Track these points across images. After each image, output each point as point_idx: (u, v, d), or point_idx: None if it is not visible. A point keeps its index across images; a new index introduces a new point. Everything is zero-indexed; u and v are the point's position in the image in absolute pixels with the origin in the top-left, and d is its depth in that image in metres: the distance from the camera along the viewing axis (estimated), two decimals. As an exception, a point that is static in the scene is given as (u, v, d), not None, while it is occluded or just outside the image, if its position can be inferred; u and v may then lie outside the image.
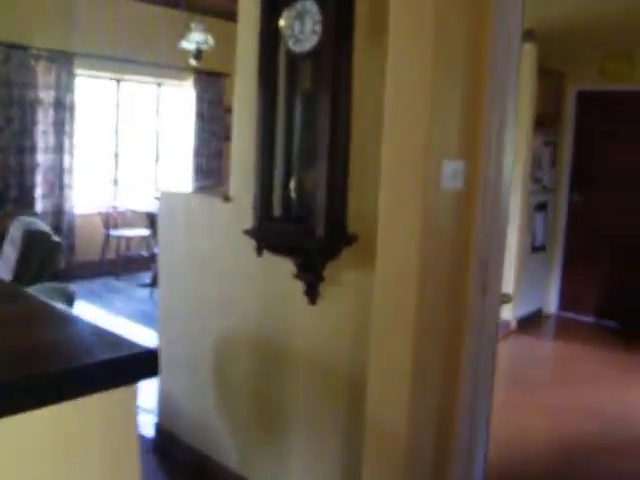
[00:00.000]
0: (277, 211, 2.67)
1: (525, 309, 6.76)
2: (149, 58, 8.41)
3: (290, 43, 2.57)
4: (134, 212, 8.28)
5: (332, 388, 2.68)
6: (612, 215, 6.87)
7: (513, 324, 6.46)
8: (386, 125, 2.18)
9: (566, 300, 7.22)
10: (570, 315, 7.15)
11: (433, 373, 2.29)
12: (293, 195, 2.63)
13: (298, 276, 2.61)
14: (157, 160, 9.28)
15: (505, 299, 2.81)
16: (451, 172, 2.17)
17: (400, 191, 2.18)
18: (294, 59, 2.63)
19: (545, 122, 6.67)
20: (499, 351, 2.86)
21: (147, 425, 3.81)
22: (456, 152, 2.22)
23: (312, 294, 2.62)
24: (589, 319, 7.04)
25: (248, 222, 2.66)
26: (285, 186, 2.65)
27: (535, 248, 6.80)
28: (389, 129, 2.18)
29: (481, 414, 2.56)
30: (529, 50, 6.16)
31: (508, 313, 6.38)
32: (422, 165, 2.09)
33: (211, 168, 9.59)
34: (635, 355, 6.00)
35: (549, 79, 6.68)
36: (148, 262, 7.78)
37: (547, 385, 5.13)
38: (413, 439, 2.23)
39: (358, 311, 2.52)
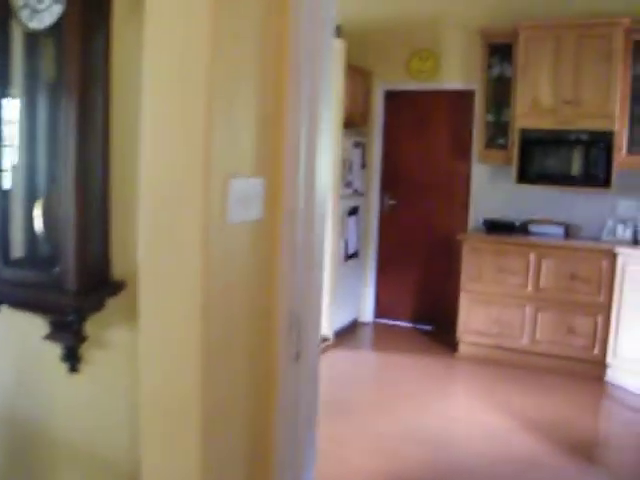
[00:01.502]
0: (18, 251, 1.95)
1: (341, 320, 6.41)
2: None
3: (24, 16, 1.86)
4: None
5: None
6: (423, 217, 6.73)
7: (330, 338, 6.07)
8: (145, 130, 1.54)
9: (382, 307, 6.99)
10: (387, 322, 6.93)
11: (234, 473, 1.69)
12: (39, 228, 1.92)
13: (52, 337, 1.91)
14: None
15: (325, 346, 2.23)
16: (243, 195, 1.58)
17: (166, 225, 1.54)
18: (33, 39, 1.91)
19: (354, 123, 6.35)
20: None
21: None
22: (251, 167, 1.64)
23: (72, 359, 1.92)
24: (405, 324, 6.86)
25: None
26: (28, 215, 1.93)
27: (349, 255, 6.46)
28: (149, 137, 1.55)
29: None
30: (337, 46, 5.78)
31: (324, 327, 5.97)
32: (199, 186, 1.46)
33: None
34: (450, 358, 5.88)
35: (357, 77, 6.37)
36: None
37: (371, 408, 4.74)
38: None
39: (136, 379, 1.85)
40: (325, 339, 5.87)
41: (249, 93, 1.63)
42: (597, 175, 5.67)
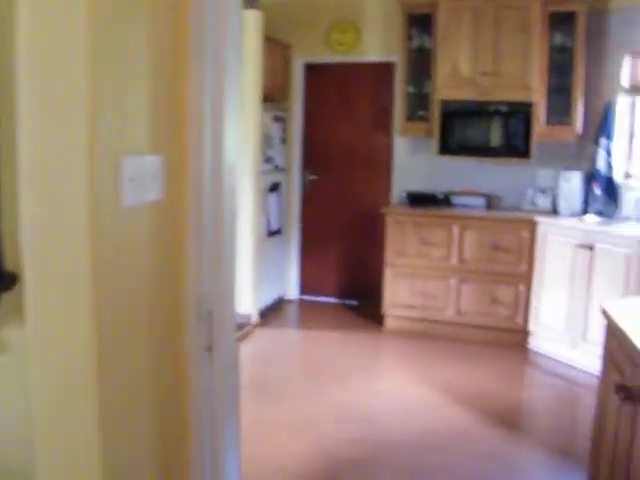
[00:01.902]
0: None
1: (266, 298, 6.29)
2: None
3: None
4: None
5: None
6: (345, 192, 6.66)
7: (255, 317, 5.95)
8: (22, 111, 1.35)
9: (307, 283, 6.91)
10: (312, 298, 6.86)
11: (142, 472, 1.56)
12: None
13: None
14: None
15: (246, 332, 2.10)
16: (139, 174, 1.43)
17: (50, 211, 1.37)
18: None
19: (274, 96, 6.20)
20: (242, 353, 2.21)
21: None
22: (147, 143, 1.49)
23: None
24: (331, 300, 6.81)
25: None
26: None
27: (271, 232, 6.34)
28: (28, 119, 1.36)
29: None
30: (253, 18, 5.60)
31: (248, 306, 5.85)
32: (84, 167, 1.30)
33: None
34: (377, 333, 5.87)
35: (276, 50, 6.20)
36: None
37: (299, 388, 4.66)
38: None
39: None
40: (244, 324, 5.76)
41: (142, 66, 1.46)
42: (517, 146, 5.70)
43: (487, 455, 3.74)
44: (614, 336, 2.34)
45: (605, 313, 2.43)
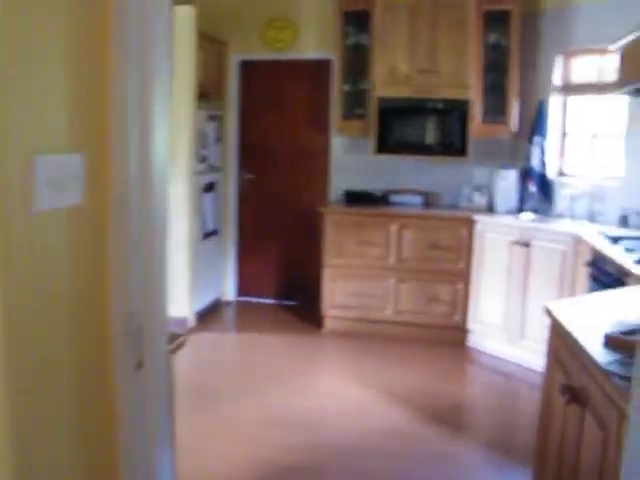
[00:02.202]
0: None
1: (203, 301, 6.14)
2: None
3: None
4: None
5: None
6: (283, 191, 6.57)
7: (191, 321, 5.80)
8: None
9: (244, 284, 6.78)
10: (250, 299, 6.74)
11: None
12: None
13: None
14: None
15: (180, 343, 1.97)
16: (55, 175, 1.29)
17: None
18: None
19: (209, 94, 6.04)
20: (178, 359, 2.09)
21: None
22: (65, 140, 1.35)
23: None
24: (269, 301, 6.70)
25: None
26: None
27: (207, 233, 6.19)
28: None
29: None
30: (187, 14, 5.45)
31: (184, 309, 5.70)
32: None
33: None
34: (316, 334, 5.79)
35: (211, 47, 6.05)
36: None
37: (238, 394, 4.51)
38: None
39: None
40: (178, 335, 5.61)
41: (58, 57, 1.32)
42: (454, 144, 5.71)
43: (432, 456, 3.70)
44: (559, 336, 2.31)
45: (549, 313, 2.40)
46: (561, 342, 2.26)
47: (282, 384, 4.65)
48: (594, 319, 2.30)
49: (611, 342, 1.99)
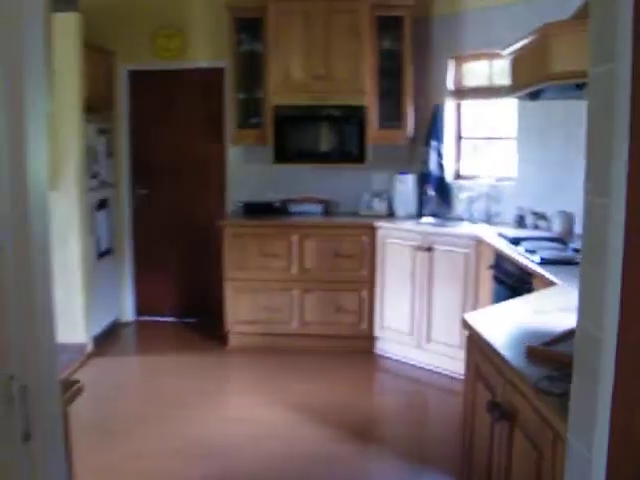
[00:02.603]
0: None
1: (101, 324, 5.82)
2: None
3: None
4: None
5: None
6: (179, 206, 6.35)
7: (89, 346, 5.47)
8: None
9: (143, 304, 6.49)
10: (150, 319, 6.45)
11: None
12: None
13: None
14: None
15: (75, 390, 1.76)
16: None
17: None
18: None
19: (97, 107, 5.74)
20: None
21: None
22: None
23: None
24: (170, 319, 6.44)
25: None
26: None
27: (101, 253, 5.88)
28: None
29: None
30: (71, 22, 5.15)
31: (81, 334, 5.38)
32: None
33: None
34: (221, 352, 5.59)
35: (98, 57, 5.75)
36: None
37: (140, 425, 4.20)
38: None
39: None
40: (71, 385, 5.29)
41: None
42: (351, 150, 5.68)
43: (352, 476, 3.61)
44: (479, 349, 2.25)
45: (467, 324, 2.35)
46: (482, 356, 2.21)
47: (189, 409, 4.43)
48: (513, 329, 2.27)
49: (532, 354, 1.95)
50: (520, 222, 5.15)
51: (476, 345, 2.29)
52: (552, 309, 2.48)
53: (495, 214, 5.45)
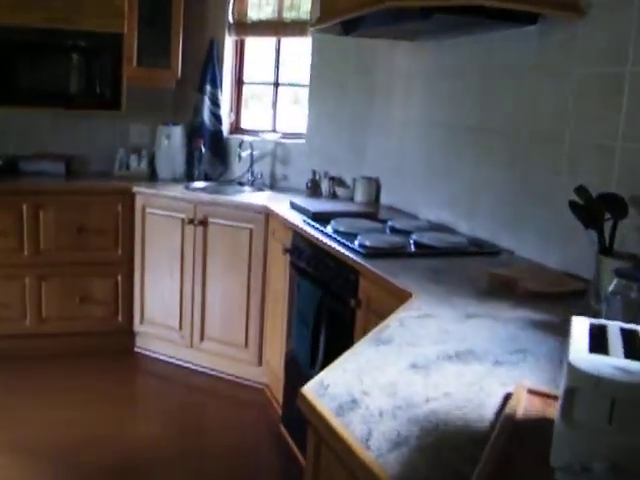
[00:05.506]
0: None
1: None
2: None
3: None
4: None
5: None
6: None
7: None
8: None
9: None
10: None
11: None
12: None
13: None
14: None
15: None
16: None
17: None
18: None
19: None
20: None
21: None
22: None
23: None
24: None
25: None
26: None
27: None
28: None
29: None
30: None
31: None
32: None
33: None
34: None
35: None
36: None
37: None
38: None
39: None
40: None
41: None
42: (103, 93, 4.41)
43: None
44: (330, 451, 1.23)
45: (304, 400, 1.32)
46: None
47: None
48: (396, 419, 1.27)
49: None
50: (314, 189, 4.29)
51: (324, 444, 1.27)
52: (434, 357, 1.53)
53: (282, 177, 4.56)
